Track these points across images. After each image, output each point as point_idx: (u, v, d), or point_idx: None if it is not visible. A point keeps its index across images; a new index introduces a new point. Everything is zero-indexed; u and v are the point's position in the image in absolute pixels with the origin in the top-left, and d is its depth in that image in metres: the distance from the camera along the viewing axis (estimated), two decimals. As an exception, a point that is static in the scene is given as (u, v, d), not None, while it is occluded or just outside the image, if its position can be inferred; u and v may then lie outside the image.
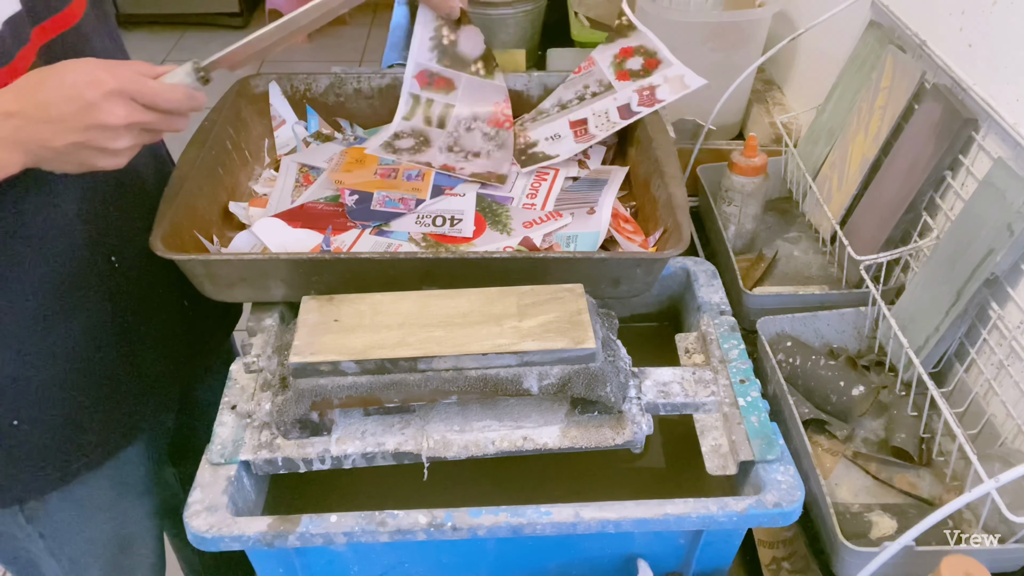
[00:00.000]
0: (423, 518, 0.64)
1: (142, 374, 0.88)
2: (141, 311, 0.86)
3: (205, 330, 0.98)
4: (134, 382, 0.87)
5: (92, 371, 0.82)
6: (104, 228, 0.80)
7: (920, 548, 0.70)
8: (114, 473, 0.90)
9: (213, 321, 1.00)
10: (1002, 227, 0.78)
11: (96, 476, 0.87)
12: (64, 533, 0.89)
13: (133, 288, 0.85)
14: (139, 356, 0.87)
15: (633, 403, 0.73)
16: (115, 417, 0.86)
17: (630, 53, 1.01)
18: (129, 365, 0.86)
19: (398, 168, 0.96)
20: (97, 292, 0.81)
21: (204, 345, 0.99)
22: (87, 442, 0.84)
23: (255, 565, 0.71)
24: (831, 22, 1.08)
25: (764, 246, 1.14)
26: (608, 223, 0.87)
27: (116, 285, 0.83)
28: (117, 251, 0.82)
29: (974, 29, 0.89)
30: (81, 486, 0.87)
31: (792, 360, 0.92)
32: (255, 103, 1.03)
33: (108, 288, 0.82)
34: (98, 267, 0.81)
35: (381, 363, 0.67)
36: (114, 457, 0.88)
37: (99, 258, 0.80)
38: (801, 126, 1.26)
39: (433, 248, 0.85)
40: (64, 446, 0.82)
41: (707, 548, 0.71)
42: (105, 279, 0.81)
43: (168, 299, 0.90)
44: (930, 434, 0.85)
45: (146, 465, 0.95)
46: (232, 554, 0.68)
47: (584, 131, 0.98)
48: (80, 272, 0.79)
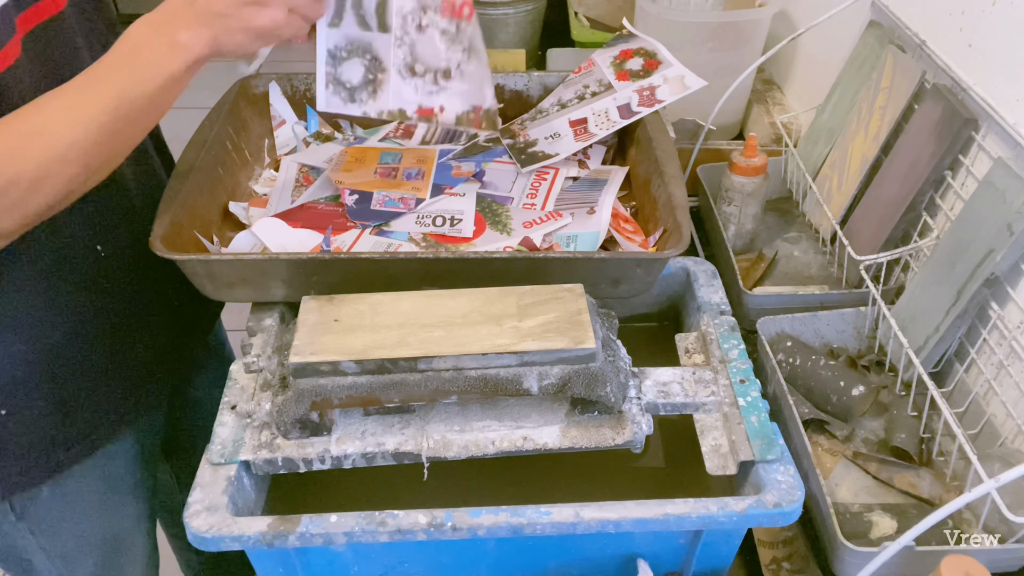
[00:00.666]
0: (423, 518, 0.64)
1: (129, 366, 0.88)
2: (128, 302, 0.86)
3: (191, 322, 0.98)
4: (121, 375, 0.87)
5: (77, 362, 0.82)
6: (90, 217, 0.80)
7: (920, 548, 0.70)
8: (103, 469, 0.90)
9: (197, 309, 0.99)
10: (1002, 227, 0.78)
11: (84, 470, 0.87)
12: (54, 529, 0.89)
13: (120, 280, 0.85)
14: (126, 348, 0.87)
15: (633, 403, 0.73)
16: (102, 410, 0.86)
17: (630, 55, 1.01)
18: (116, 356, 0.86)
19: (398, 168, 0.96)
20: (82, 282, 0.81)
21: (190, 336, 0.99)
22: (73, 434, 0.84)
23: (255, 565, 0.71)
24: (831, 22, 1.08)
25: (764, 246, 1.14)
26: (608, 223, 0.87)
27: (102, 275, 0.83)
28: (103, 240, 0.82)
29: (974, 29, 0.89)
30: (70, 481, 0.86)
31: (792, 360, 0.92)
32: (255, 103, 1.03)
33: (94, 279, 0.82)
34: (83, 257, 0.80)
35: (381, 363, 0.67)
36: (102, 450, 0.88)
37: (83, 247, 0.80)
38: (801, 126, 1.26)
39: (433, 248, 0.85)
40: (49, 438, 0.82)
41: (707, 548, 0.71)
42: (91, 269, 0.81)
43: (157, 293, 0.90)
44: (930, 434, 0.85)
45: (136, 462, 0.95)
46: (232, 554, 0.68)
47: (584, 130, 0.98)
48: (64, 262, 0.79)
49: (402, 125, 1.06)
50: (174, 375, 0.97)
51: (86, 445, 0.86)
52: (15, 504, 0.85)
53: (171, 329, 0.94)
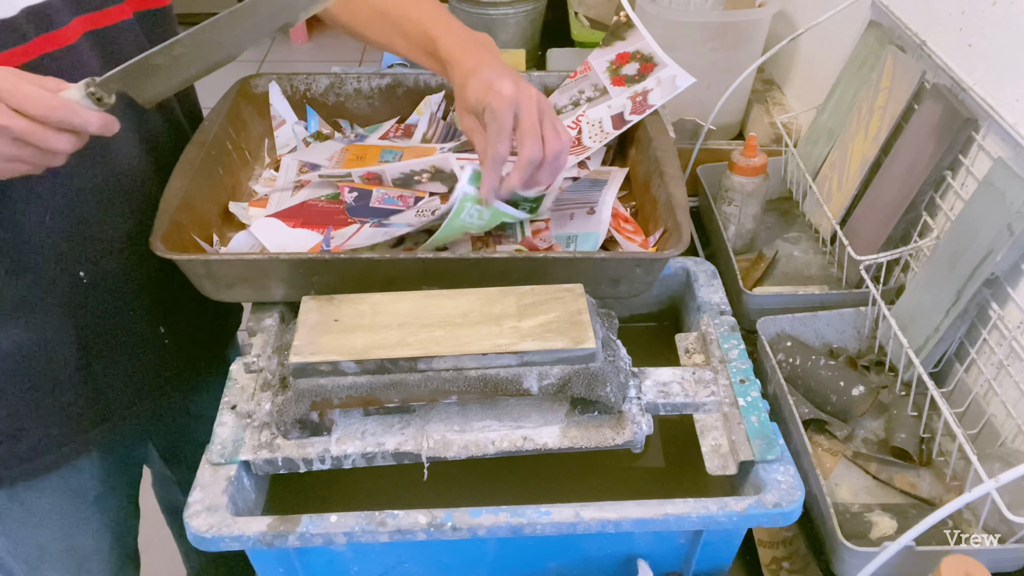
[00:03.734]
0: (423, 518, 0.64)
1: (98, 394, 0.86)
2: (106, 334, 0.84)
3: (182, 363, 0.95)
4: (87, 401, 0.86)
5: (38, 380, 0.81)
6: (77, 242, 0.79)
7: (920, 548, 0.70)
8: (62, 482, 0.88)
9: (194, 354, 0.97)
10: (1002, 227, 0.78)
11: (41, 483, 0.86)
12: (16, 534, 0.89)
13: (100, 307, 0.83)
14: (97, 377, 0.85)
15: (633, 403, 0.73)
16: (61, 430, 0.85)
17: (626, 59, 1.01)
18: (83, 383, 0.84)
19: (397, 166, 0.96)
20: (58, 305, 0.80)
21: (180, 377, 0.95)
22: (24, 448, 0.83)
23: (255, 565, 0.71)
24: (831, 22, 1.08)
25: (764, 246, 1.14)
26: (608, 223, 0.86)
27: (81, 301, 0.81)
28: (88, 267, 0.81)
29: (974, 29, 0.89)
30: (27, 491, 0.86)
31: (792, 360, 0.92)
32: (255, 103, 1.03)
33: (72, 303, 0.81)
34: (64, 280, 0.79)
35: (381, 363, 0.67)
36: (67, 466, 0.87)
37: (65, 272, 0.79)
38: (801, 126, 1.26)
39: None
40: (1, 447, 0.82)
41: (707, 548, 0.71)
42: (69, 293, 0.80)
43: (141, 326, 0.88)
44: (930, 434, 0.85)
45: (102, 478, 0.93)
46: (232, 554, 0.68)
47: (577, 141, 0.98)
48: (41, 283, 0.78)
49: (403, 123, 1.06)
50: (154, 405, 0.93)
51: (40, 463, 0.85)
52: None
53: (157, 367, 0.91)
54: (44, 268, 0.78)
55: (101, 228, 0.81)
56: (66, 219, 0.77)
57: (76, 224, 0.78)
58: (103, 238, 0.81)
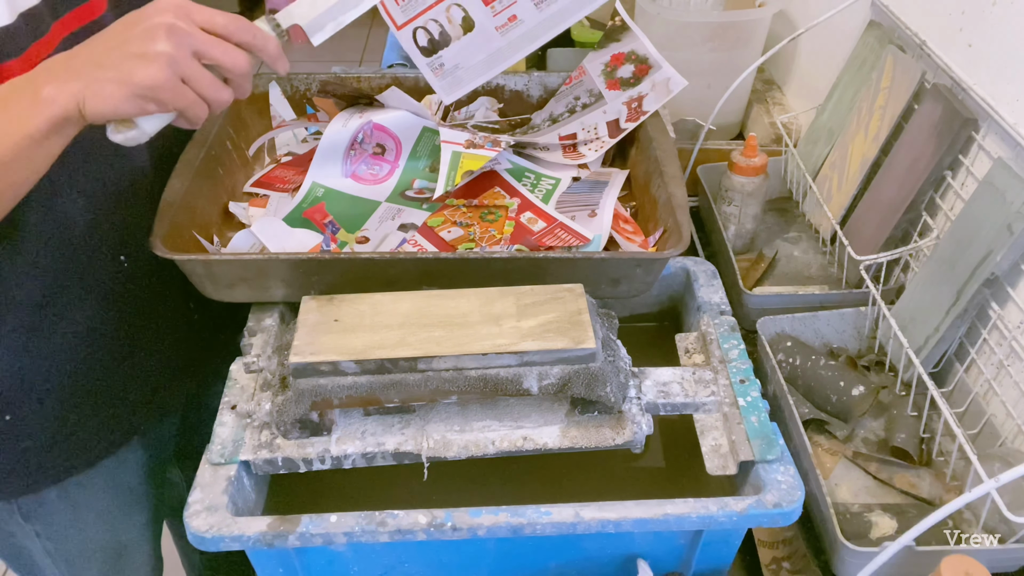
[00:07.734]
0: (423, 518, 0.64)
1: (142, 378, 0.87)
2: (147, 316, 0.86)
3: (210, 335, 0.97)
4: (133, 386, 0.87)
5: (89, 371, 0.82)
6: (115, 228, 0.80)
7: (920, 548, 0.70)
8: (110, 476, 0.89)
9: (219, 324, 0.98)
10: (1002, 227, 0.78)
11: (91, 477, 0.87)
12: (61, 534, 0.89)
13: (141, 292, 0.84)
14: (141, 361, 0.87)
15: (633, 403, 0.73)
16: (111, 418, 0.86)
17: (621, 60, 1.00)
18: (129, 368, 0.86)
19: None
20: (101, 292, 0.80)
21: (209, 350, 0.98)
22: (80, 440, 0.84)
23: (255, 565, 0.71)
24: (831, 22, 1.08)
25: (764, 246, 1.14)
26: (609, 226, 0.86)
27: (122, 287, 0.82)
28: (128, 251, 0.81)
29: (974, 29, 0.89)
30: (77, 488, 0.86)
31: (792, 360, 0.92)
32: (255, 103, 1.03)
33: (114, 289, 0.81)
34: (104, 267, 0.80)
35: (381, 363, 0.67)
36: (110, 458, 0.88)
37: (105, 258, 0.80)
38: (801, 126, 1.26)
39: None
40: (56, 443, 0.82)
41: (707, 548, 0.71)
42: (111, 280, 0.81)
43: (177, 305, 0.89)
44: (930, 434, 0.85)
45: (144, 470, 0.95)
46: (232, 554, 0.68)
47: (573, 148, 0.98)
48: (83, 271, 0.78)
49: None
50: (190, 384, 0.96)
51: (93, 452, 0.86)
52: (22, 505, 0.85)
53: (190, 345, 0.93)
54: (88, 256, 0.78)
55: (137, 211, 0.81)
56: (101, 202, 0.78)
57: (112, 206, 0.79)
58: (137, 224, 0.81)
